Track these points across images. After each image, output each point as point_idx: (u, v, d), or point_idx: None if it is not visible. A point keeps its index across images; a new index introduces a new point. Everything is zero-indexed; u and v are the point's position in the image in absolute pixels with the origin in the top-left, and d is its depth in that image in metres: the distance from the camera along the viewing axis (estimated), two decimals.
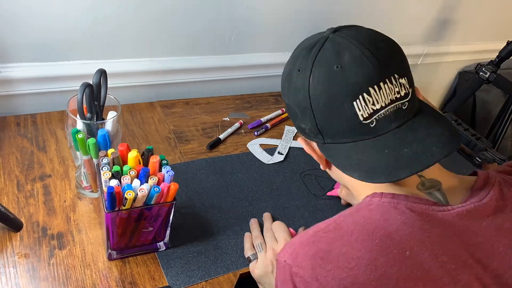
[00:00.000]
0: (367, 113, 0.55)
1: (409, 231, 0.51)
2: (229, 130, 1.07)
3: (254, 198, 0.91)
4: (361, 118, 0.55)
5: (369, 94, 0.54)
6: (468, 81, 1.69)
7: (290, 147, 1.07)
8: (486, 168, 1.12)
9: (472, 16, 1.56)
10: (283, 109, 1.20)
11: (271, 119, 1.16)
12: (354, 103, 0.54)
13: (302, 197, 0.94)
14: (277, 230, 0.78)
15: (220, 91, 1.23)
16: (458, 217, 0.54)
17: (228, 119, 1.13)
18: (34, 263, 0.71)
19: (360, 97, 0.54)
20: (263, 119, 1.14)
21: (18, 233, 0.74)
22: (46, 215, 0.78)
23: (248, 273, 0.77)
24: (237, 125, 1.10)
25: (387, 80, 0.55)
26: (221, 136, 1.05)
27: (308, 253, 0.52)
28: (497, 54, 1.37)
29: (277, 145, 1.07)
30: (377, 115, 0.55)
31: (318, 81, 0.56)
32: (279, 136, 1.11)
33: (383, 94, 0.55)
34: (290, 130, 1.14)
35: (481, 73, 1.40)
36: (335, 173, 0.65)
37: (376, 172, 0.55)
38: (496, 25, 1.68)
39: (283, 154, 1.04)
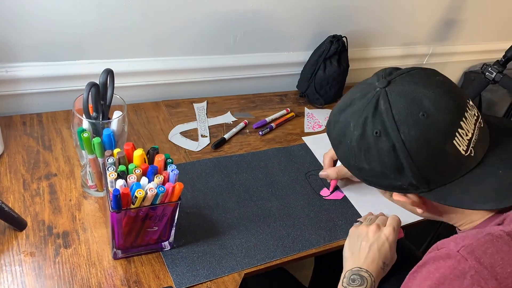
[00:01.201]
0: (465, 145, 0.55)
1: None
2: (234, 130, 1.07)
3: (259, 198, 0.91)
4: (463, 153, 0.55)
5: (461, 127, 0.55)
6: (474, 81, 1.68)
7: (209, 126, 1.06)
8: None
9: (478, 16, 1.55)
10: (288, 109, 1.19)
11: (276, 119, 1.15)
12: (454, 141, 0.55)
13: (307, 197, 0.93)
14: (392, 218, 0.79)
15: (224, 91, 1.23)
16: None
17: (234, 119, 1.13)
18: (40, 262, 0.71)
19: (457, 133, 0.55)
20: (267, 119, 1.14)
21: (24, 231, 0.75)
22: (52, 214, 0.79)
23: (253, 272, 0.77)
24: (241, 124, 1.10)
25: (467, 108, 0.56)
26: (226, 136, 1.05)
27: (487, 251, 0.50)
28: (503, 54, 1.36)
29: (197, 128, 1.06)
30: (472, 143, 0.56)
31: (413, 136, 0.55)
32: (284, 136, 1.11)
33: (470, 121, 0.56)
34: (199, 107, 1.12)
35: (487, 73, 1.39)
36: (431, 211, 0.65)
37: (505, 194, 0.55)
38: (502, 25, 1.67)
39: (207, 136, 1.03)
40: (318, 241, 0.84)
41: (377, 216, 0.84)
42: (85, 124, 0.75)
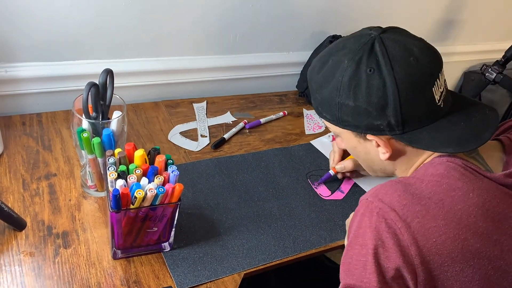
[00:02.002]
0: (438, 95, 0.63)
1: (469, 179, 0.60)
2: (234, 130, 1.07)
3: (260, 198, 0.91)
4: (437, 102, 0.63)
5: (439, 78, 0.63)
6: (473, 81, 1.68)
7: (209, 126, 1.06)
8: None
9: (477, 16, 1.55)
10: (285, 111, 1.19)
11: (271, 120, 1.15)
12: (433, 89, 0.62)
13: (308, 197, 0.93)
14: None
15: (224, 91, 1.23)
16: (504, 176, 0.62)
17: (234, 119, 1.13)
18: (39, 262, 0.71)
19: (435, 82, 0.62)
20: (262, 120, 1.13)
21: (24, 231, 0.74)
22: (51, 214, 0.78)
23: (253, 273, 0.77)
24: (241, 124, 1.10)
25: (442, 67, 0.65)
26: (226, 136, 1.05)
27: (388, 191, 0.60)
28: (503, 54, 1.36)
29: (196, 128, 1.06)
30: (442, 96, 0.64)
31: (404, 75, 0.61)
32: (284, 136, 1.11)
33: (441, 78, 0.64)
34: (198, 107, 1.12)
35: (487, 74, 1.39)
36: (392, 157, 0.69)
37: (466, 141, 0.63)
38: (502, 25, 1.67)
39: (206, 136, 1.03)
40: (319, 242, 0.84)
41: None
42: (85, 124, 0.75)
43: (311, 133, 1.14)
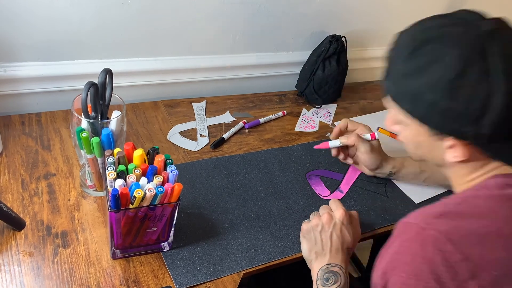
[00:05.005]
0: None
1: None
2: (233, 130, 1.07)
3: (259, 198, 0.91)
4: None
5: None
6: None
7: (208, 126, 1.06)
8: None
9: None
10: (284, 111, 1.19)
11: (271, 120, 1.15)
12: None
13: (307, 197, 0.93)
14: (333, 204, 0.80)
15: (223, 91, 1.23)
16: None
17: (233, 119, 1.13)
18: (39, 262, 0.71)
19: None
20: (261, 120, 1.13)
21: (23, 231, 0.74)
22: (51, 213, 0.78)
23: (252, 272, 0.77)
24: (240, 124, 1.10)
25: None
26: (225, 136, 1.05)
27: (440, 221, 0.56)
28: None
29: (196, 128, 1.06)
30: None
31: None
32: (283, 136, 1.11)
33: None
34: (198, 107, 1.12)
35: None
36: (467, 160, 0.63)
37: None
38: None
39: (205, 136, 1.03)
40: None
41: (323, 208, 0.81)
42: (84, 123, 0.75)
43: (301, 130, 1.14)
